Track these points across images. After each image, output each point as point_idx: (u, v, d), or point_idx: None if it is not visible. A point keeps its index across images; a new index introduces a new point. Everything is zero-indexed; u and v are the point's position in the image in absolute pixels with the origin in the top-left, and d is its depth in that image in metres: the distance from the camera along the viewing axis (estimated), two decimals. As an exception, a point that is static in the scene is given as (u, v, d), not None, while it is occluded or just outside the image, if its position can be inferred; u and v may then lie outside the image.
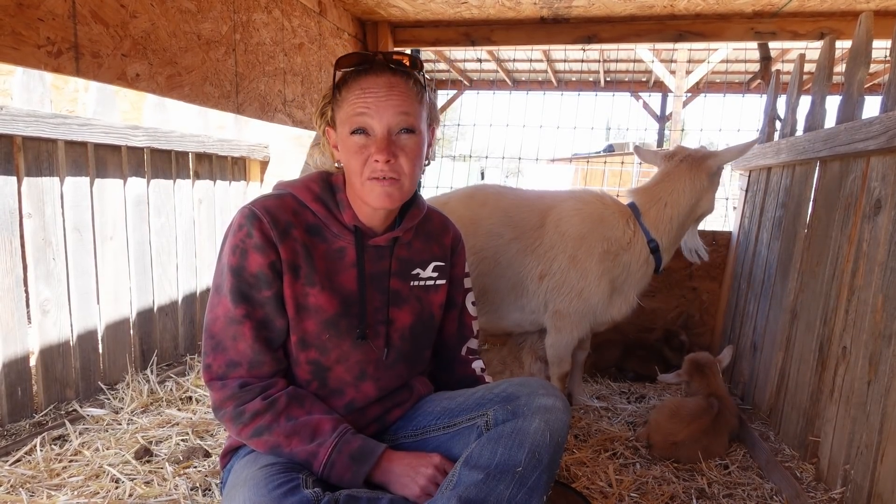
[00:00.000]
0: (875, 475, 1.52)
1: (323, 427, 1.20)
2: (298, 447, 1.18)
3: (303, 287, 1.23)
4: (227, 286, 1.20)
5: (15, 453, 1.80)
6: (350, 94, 1.20)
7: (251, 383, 1.20)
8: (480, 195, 2.33)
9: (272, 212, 1.22)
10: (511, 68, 9.59)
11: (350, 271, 1.28)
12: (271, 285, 1.21)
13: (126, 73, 1.57)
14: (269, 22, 2.20)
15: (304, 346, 1.25)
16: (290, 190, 1.28)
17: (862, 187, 1.74)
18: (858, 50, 1.86)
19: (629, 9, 2.69)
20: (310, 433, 1.19)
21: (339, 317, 1.26)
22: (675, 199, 2.17)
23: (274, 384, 1.22)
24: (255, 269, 1.20)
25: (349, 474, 1.18)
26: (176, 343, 2.80)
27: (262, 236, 1.19)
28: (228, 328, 1.20)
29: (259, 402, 1.19)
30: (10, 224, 1.99)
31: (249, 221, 1.20)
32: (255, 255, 1.19)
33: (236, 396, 1.19)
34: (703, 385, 2.13)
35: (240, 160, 3.20)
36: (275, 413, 1.19)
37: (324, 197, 1.28)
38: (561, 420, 1.20)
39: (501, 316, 2.30)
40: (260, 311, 1.21)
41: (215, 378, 1.21)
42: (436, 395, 1.42)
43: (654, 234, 2.18)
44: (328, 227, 1.27)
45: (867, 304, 1.63)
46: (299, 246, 1.23)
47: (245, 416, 1.18)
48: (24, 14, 1.29)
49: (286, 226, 1.22)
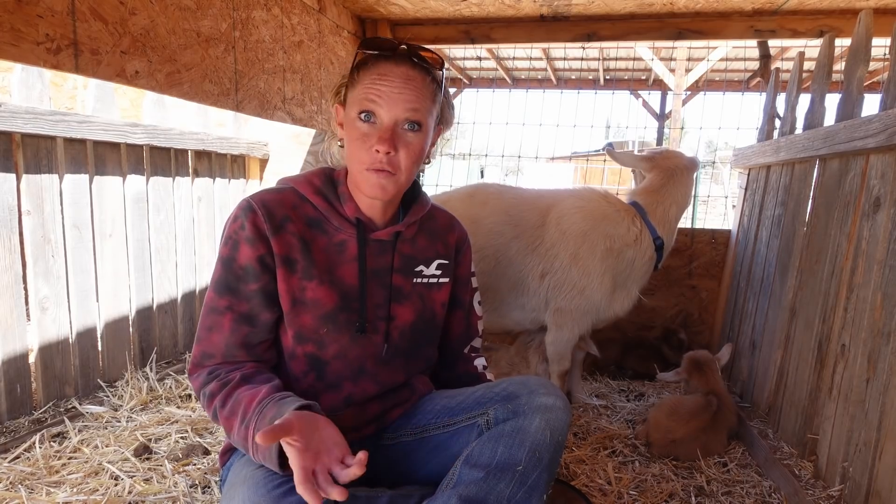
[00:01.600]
0: (873, 472, 1.52)
1: (250, 404, 1.09)
2: (238, 434, 1.10)
3: (299, 281, 1.22)
4: (215, 276, 1.21)
5: (14, 450, 1.80)
6: (366, 77, 1.19)
7: (220, 370, 1.20)
8: (481, 194, 2.33)
9: (269, 205, 1.21)
10: (510, 66, 9.59)
11: (351, 265, 1.27)
12: (259, 279, 1.20)
13: (125, 70, 1.57)
14: (268, 19, 2.20)
15: (301, 340, 1.24)
16: (291, 184, 1.28)
17: (861, 185, 1.74)
18: (858, 48, 1.86)
19: (629, 7, 2.68)
20: (242, 412, 1.10)
21: (338, 311, 1.25)
22: (680, 201, 2.29)
23: (241, 366, 1.20)
24: (245, 261, 1.19)
25: (263, 454, 1.06)
26: (175, 340, 2.80)
27: (253, 229, 1.19)
28: (207, 318, 1.21)
29: (216, 383, 1.17)
30: (8, 221, 1.99)
31: (244, 213, 1.20)
32: (245, 247, 1.19)
33: (205, 383, 1.19)
34: (702, 383, 2.13)
35: (239, 158, 3.19)
36: (225, 394, 1.14)
37: (325, 190, 1.28)
38: (561, 419, 1.19)
39: (502, 314, 2.30)
40: (245, 304, 1.20)
41: (193, 367, 1.23)
42: (436, 393, 1.42)
43: (660, 231, 2.23)
44: (329, 220, 1.26)
45: (866, 302, 1.64)
46: (295, 240, 1.22)
47: (205, 399, 1.19)
48: (23, 10, 1.28)
49: (282, 220, 1.21)
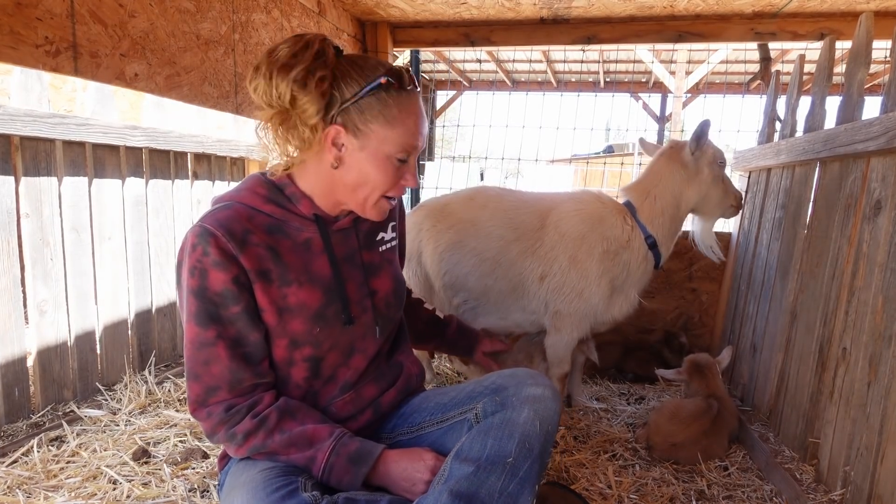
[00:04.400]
0: (875, 477, 1.51)
1: (319, 434, 1.19)
2: (296, 455, 1.18)
3: (279, 290, 1.20)
4: (191, 310, 1.15)
5: (12, 454, 1.80)
6: (402, 115, 1.17)
7: (236, 404, 1.18)
8: (481, 197, 2.33)
9: (225, 224, 1.15)
10: (510, 69, 9.60)
11: (321, 258, 1.26)
12: (238, 300, 1.15)
13: (125, 72, 1.57)
14: (268, 22, 2.20)
15: (297, 346, 1.23)
16: (235, 200, 1.22)
17: (862, 188, 1.74)
18: (858, 50, 1.85)
19: (629, 9, 2.68)
20: (307, 441, 1.18)
21: (325, 307, 1.24)
22: (659, 192, 2.21)
23: (260, 401, 1.19)
24: (220, 287, 1.14)
25: (348, 476, 1.18)
26: (174, 344, 2.79)
27: (219, 252, 1.13)
28: (199, 353, 1.16)
29: (248, 421, 1.17)
30: (7, 224, 1.98)
31: (203, 239, 1.13)
32: (215, 272, 1.13)
33: (224, 421, 1.17)
34: (703, 386, 2.13)
35: (239, 160, 3.19)
36: (267, 430, 1.17)
37: (273, 197, 1.23)
38: (550, 409, 1.20)
39: (502, 316, 2.30)
40: (231, 328, 1.17)
41: (198, 407, 1.19)
42: (430, 391, 1.45)
43: (650, 229, 2.19)
44: (288, 222, 1.24)
45: (867, 306, 1.63)
46: (263, 250, 1.18)
47: (237, 437, 1.18)
48: (22, 13, 1.28)
49: (243, 234, 1.16)
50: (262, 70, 1.13)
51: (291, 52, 1.11)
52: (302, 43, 1.13)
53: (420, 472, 1.20)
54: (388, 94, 1.16)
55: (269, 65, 1.12)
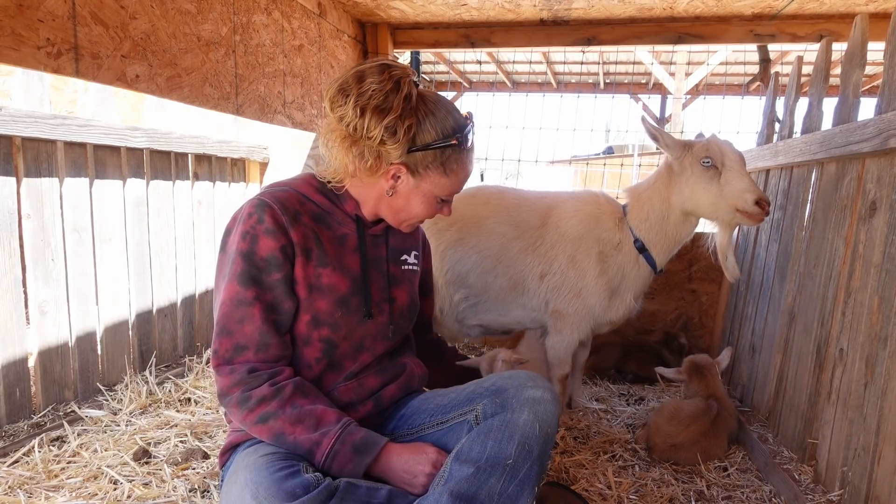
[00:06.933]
0: (872, 477, 1.52)
1: (327, 417, 1.23)
2: (303, 435, 1.20)
3: (315, 268, 1.29)
4: (236, 270, 1.23)
5: (13, 454, 1.80)
6: (458, 168, 1.31)
7: (259, 369, 1.23)
8: (483, 194, 2.34)
9: (281, 200, 1.27)
10: (511, 70, 9.61)
11: (353, 255, 1.35)
12: (281, 268, 1.24)
13: (126, 74, 1.58)
14: (268, 23, 2.21)
15: (317, 325, 1.29)
16: (291, 186, 1.34)
17: (858, 189, 1.74)
18: (854, 52, 1.86)
19: (629, 11, 2.69)
20: (314, 422, 1.21)
21: (350, 295, 1.32)
22: (647, 194, 2.16)
23: (281, 371, 1.25)
24: (266, 252, 1.23)
25: (350, 465, 1.20)
26: (175, 344, 2.80)
27: (273, 221, 1.24)
28: (236, 311, 1.23)
29: (266, 387, 1.21)
30: (8, 225, 1.99)
31: (260, 209, 1.24)
32: (266, 239, 1.23)
33: (244, 382, 1.21)
34: (702, 387, 2.13)
35: (239, 161, 3.20)
36: (281, 400, 1.21)
37: (324, 190, 1.36)
38: (550, 411, 1.21)
39: (503, 313, 2.31)
40: (269, 293, 1.24)
41: (223, 363, 1.23)
42: (430, 393, 1.47)
43: (636, 232, 2.16)
44: (332, 215, 1.35)
45: (863, 306, 1.64)
46: (309, 231, 1.29)
47: (251, 401, 1.20)
48: (23, 15, 1.29)
49: (295, 213, 1.28)
50: (352, 101, 1.19)
51: (383, 93, 1.19)
52: (392, 83, 1.19)
53: (422, 465, 1.22)
54: (451, 149, 1.28)
55: (360, 99, 1.19)
